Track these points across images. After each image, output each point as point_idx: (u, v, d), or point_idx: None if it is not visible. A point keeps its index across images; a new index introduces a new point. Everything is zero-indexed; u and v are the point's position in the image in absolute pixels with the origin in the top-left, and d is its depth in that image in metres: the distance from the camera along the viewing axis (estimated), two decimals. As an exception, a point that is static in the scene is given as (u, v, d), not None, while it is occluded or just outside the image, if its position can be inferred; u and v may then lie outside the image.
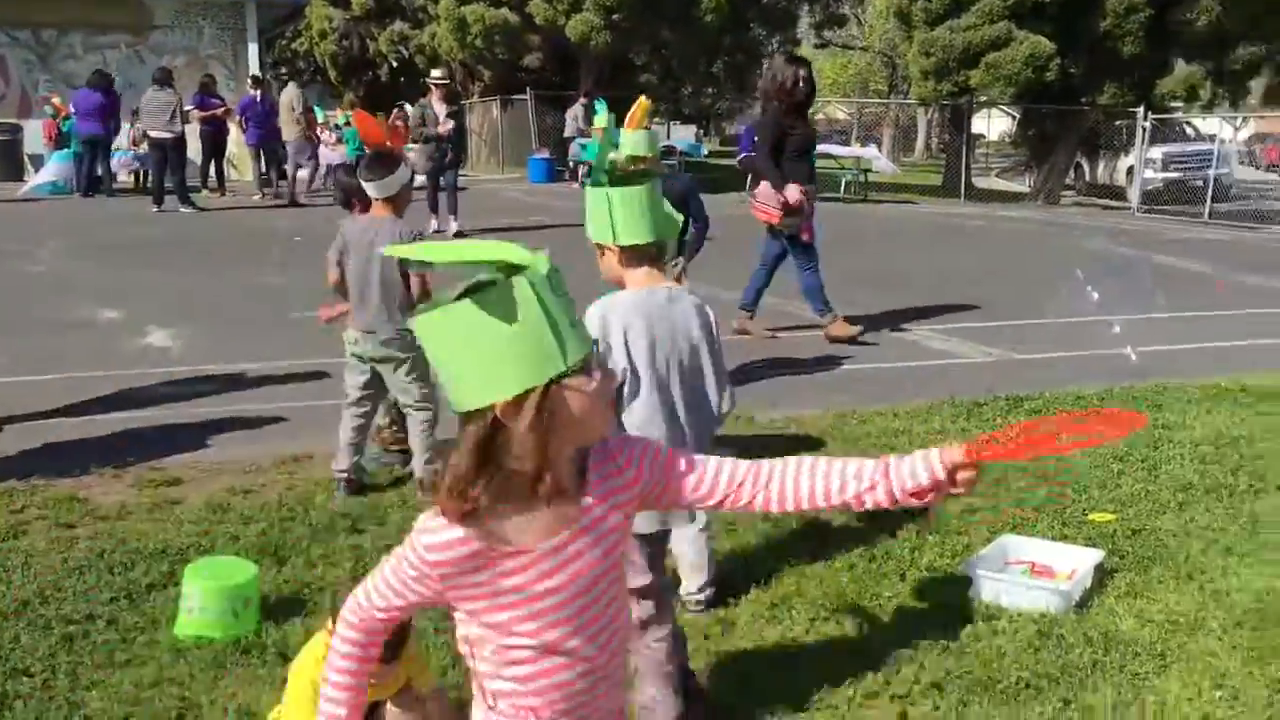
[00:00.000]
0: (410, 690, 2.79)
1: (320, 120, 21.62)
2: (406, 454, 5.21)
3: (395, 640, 2.64)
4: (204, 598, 3.54)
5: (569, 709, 1.71)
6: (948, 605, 3.85)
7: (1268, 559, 4.26)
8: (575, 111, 21.72)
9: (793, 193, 7.63)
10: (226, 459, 5.41)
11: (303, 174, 18.16)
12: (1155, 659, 3.49)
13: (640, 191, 2.84)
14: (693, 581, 3.84)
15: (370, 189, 4.85)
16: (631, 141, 6.02)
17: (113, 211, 15.78)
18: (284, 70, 39.01)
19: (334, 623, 2.69)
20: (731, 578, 4.02)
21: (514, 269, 1.53)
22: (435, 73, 14.09)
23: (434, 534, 1.65)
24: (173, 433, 5.83)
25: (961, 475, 1.68)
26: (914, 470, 1.70)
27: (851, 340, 8.03)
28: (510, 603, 1.64)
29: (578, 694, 1.70)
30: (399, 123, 14.14)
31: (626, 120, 5.96)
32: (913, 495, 1.70)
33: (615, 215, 2.82)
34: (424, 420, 4.94)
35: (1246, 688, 3.31)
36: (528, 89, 24.52)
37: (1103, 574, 4.09)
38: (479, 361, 1.53)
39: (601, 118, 9.68)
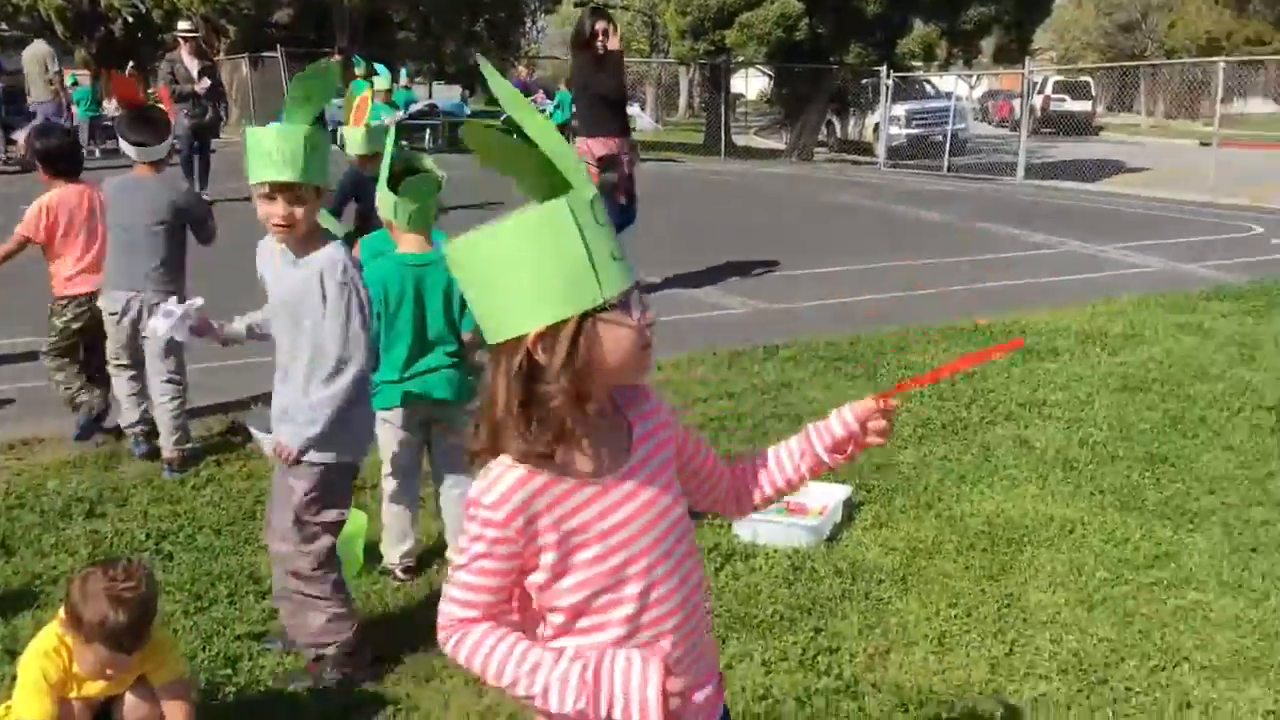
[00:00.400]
0: (146, 682, 2.65)
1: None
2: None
3: (135, 630, 2.50)
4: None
5: (664, 647, 1.59)
6: (709, 549, 3.96)
7: (998, 485, 4.59)
8: (330, 69, 20.94)
9: (595, 146, 7.66)
10: (-56, 447, 4.97)
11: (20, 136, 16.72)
12: (898, 584, 3.71)
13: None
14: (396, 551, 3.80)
15: (137, 153, 4.66)
16: (353, 140, 5.88)
17: None
18: (4, 26, 35.83)
19: (66, 613, 2.52)
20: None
21: (557, 189, 1.44)
22: (183, 25, 13.28)
23: (492, 488, 1.51)
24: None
25: (873, 424, 1.70)
26: (830, 428, 1.73)
27: None
28: (584, 541, 1.54)
29: (669, 633, 1.60)
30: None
31: (352, 117, 5.81)
32: (835, 452, 1.73)
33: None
34: (172, 396, 4.68)
35: (979, 604, 3.56)
36: (278, 46, 23.42)
37: (851, 508, 4.30)
38: (513, 289, 1.44)
39: (383, 80, 9.31)
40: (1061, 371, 6.20)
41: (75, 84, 19.27)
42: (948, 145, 20.39)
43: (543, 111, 19.32)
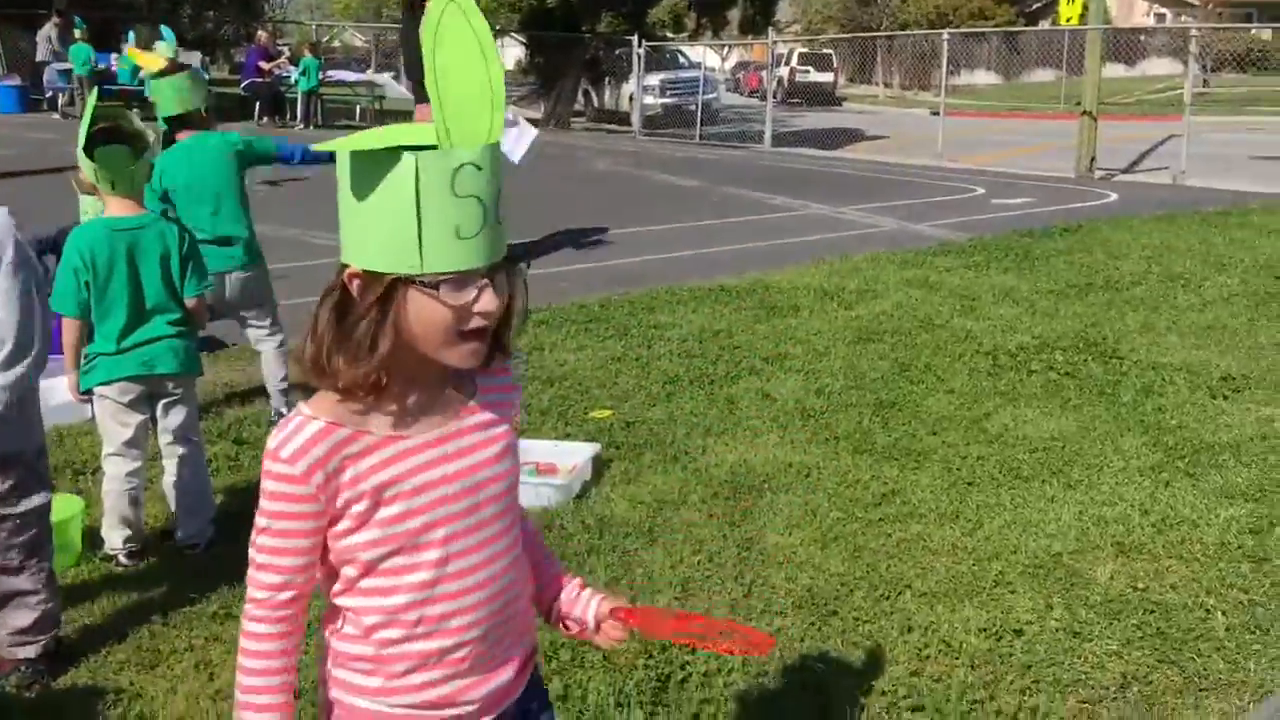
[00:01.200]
0: None
1: None
2: None
3: None
4: None
5: (456, 625, 1.50)
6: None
7: (741, 436, 4.74)
8: (48, 32, 19.42)
9: (422, 110, 7.39)
10: None
11: None
12: (644, 535, 3.77)
13: None
14: (190, 525, 3.62)
15: None
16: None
17: None
18: None
19: None
20: (235, 512, 3.83)
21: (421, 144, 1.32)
22: None
23: (289, 442, 1.41)
24: None
25: (607, 627, 1.65)
26: (580, 606, 1.68)
27: None
28: (389, 498, 1.43)
29: (466, 610, 1.50)
30: None
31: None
32: (561, 620, 1.69)
33: None
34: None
35: (720, 550, 3.67)
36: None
37: (601, 465, 4.34)
38: (347, 216, 1.37)
39: (167, 46, 8.67)
40: (801, 326, 6.47)
41: None
42: (699, 114, 20.88)
43: (286, 78, 18.40)
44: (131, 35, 21.44)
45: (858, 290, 7.37)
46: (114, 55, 20.54)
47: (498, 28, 23.68)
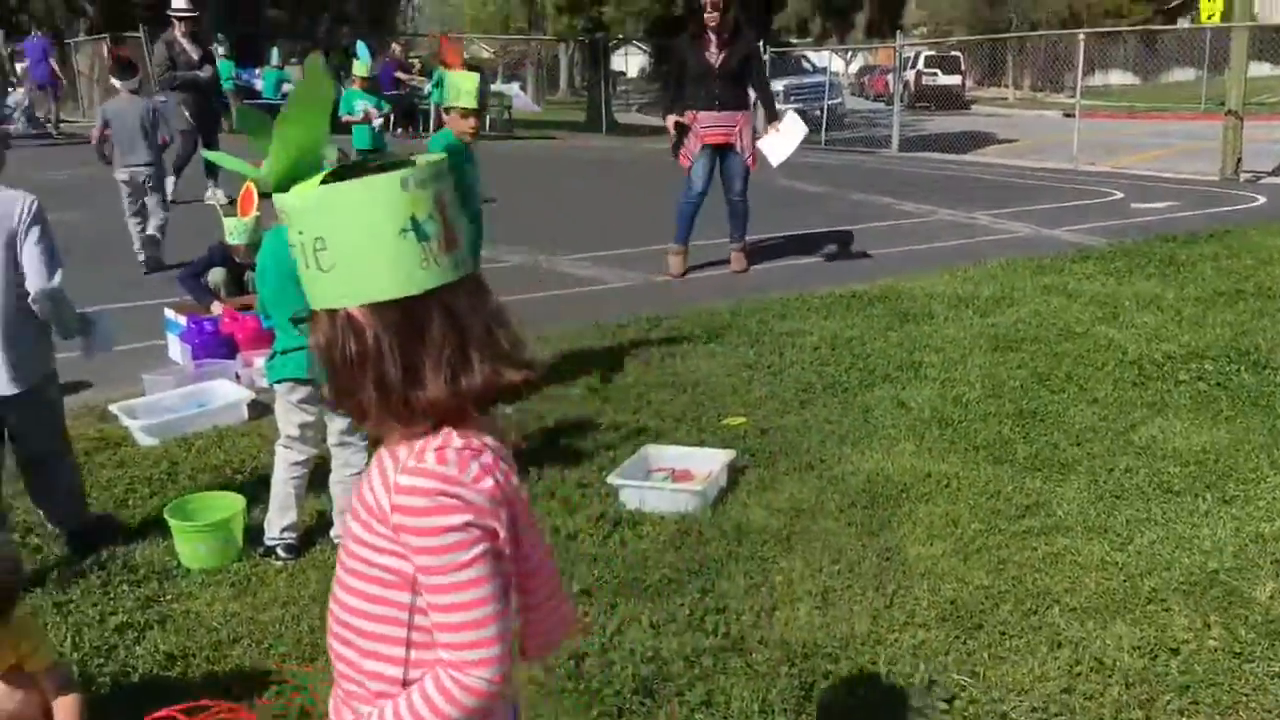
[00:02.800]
0: (21, 669, 2.54)
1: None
2: None
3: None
4: None
5: None
6: (596, 517, 3.97)
7: (877, 444, 4.70)
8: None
9: (668, 122, 8.05)
10: None
11: None
12: (781, 543, 3.77)
13: None
14: (344, 524, 3.74)
15: None
16: (234, 229, 5.85)
17: None
18: None
19: None
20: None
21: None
22: (177, 3, 11.53)
23: (468, 465, 1.34)
24: None
25: None
26: None
27: (680, 275, 8.28)
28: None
29: None
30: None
31: (239, 203, 5.76)
32: None
33: None
34: None
35: (860, 560, 3.65)
36: (140, 25, 22.54)
37: (736, 472, 4.35)
38: (350, 255, 1.32)
39: (362, 65, 8.91)
40: (936, 334, 6.37)
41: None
42: (825, 119, 20.71)
43: (419, 90, 18.76)
44: (275, 51, 22.28)
45: (993, 297, 7.23)
46: (257, 70, 21.38)
47: (620, 36, 23.95)
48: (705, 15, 7.90)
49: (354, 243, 1.29)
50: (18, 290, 3.36)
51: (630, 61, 49.74)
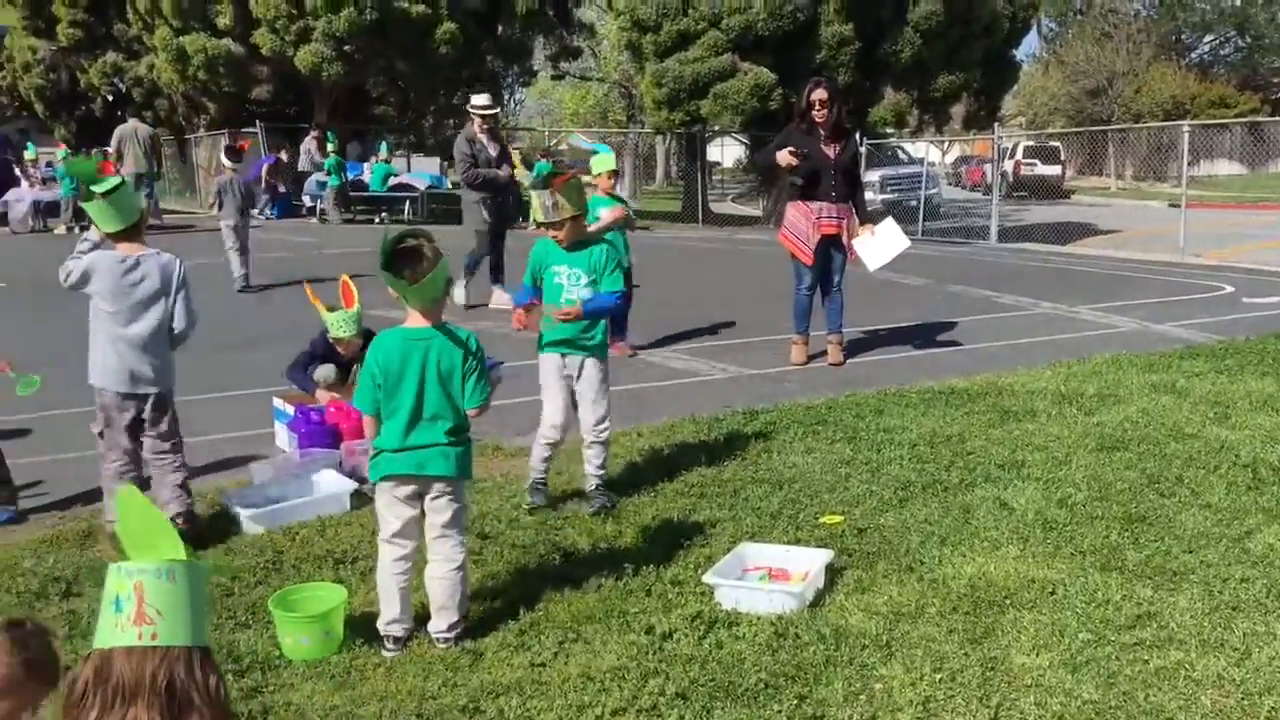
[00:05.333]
0: None
1: (31, 157, 20.24)
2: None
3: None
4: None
5: None
6: (692, 616, 3.95)
7: (979, 547, 4.60)
8: (308, 145, 21.13)
9: (783, 156, 7.99)
10: (-82, 528, 4.92)
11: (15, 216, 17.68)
12: (881, 649, 3.70)
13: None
14: (441, 620, 3.79)
15: None
16: (336, 322, 6.11)
17: None
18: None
19: (23, 672, 2.45)
20: (480, 607, 3.99)
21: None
22: (479, 100, 10.92)
23: None
24: None
25: None
26: None
27: (803, 364, 8.34)
28: None
29: None
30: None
31: (341, 296, 6.06)
32: None
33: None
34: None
35: (963, 668, 3.55)
36: (257, 121, 23.64)
37: (833, 573, 4.29)
38: None
39: (606, 160, 9.16)
40: (1039, 432, 6.24)
41: (64, 159, 19.33)
42: (922, 210, 20.66)
43: (520, 182, 19.29)
44: (384, 146, 23.11)
45: (1098, 395, 7.07)
46: (365, 165, 22.18)
47: (716, 128, 24.30)
48: (814, 113, 8.00)
49: None
50: (170, 324, 4.78)
51: (726, 152, 50.39)
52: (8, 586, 4.27)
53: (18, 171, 20.30)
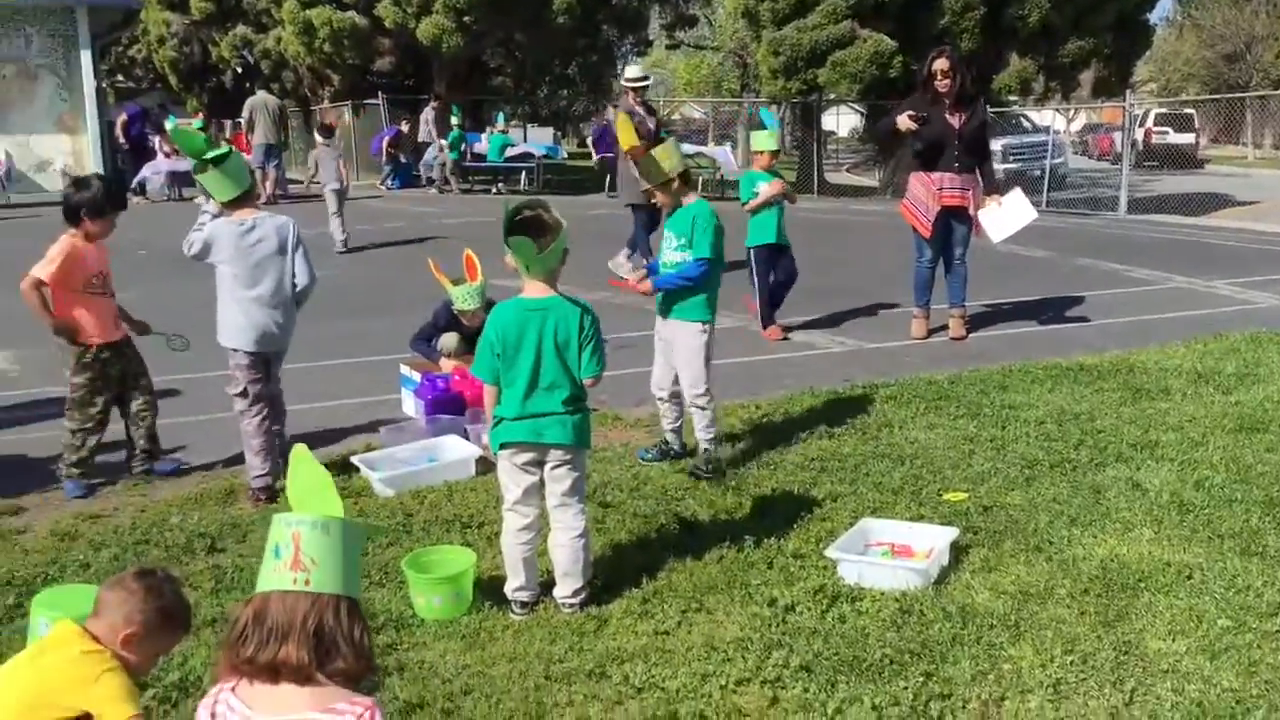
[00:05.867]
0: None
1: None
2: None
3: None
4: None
5: None
6: (814, 590, 3.94)
7: (1109, 528, 4.48)
8: (427, 115, 21.44)
9: (902, 120, 7.94)
10: (73, 483, 5.19)
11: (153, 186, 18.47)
12: (1009, 629, 3.64)
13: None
14: (566, 586, 3.85)
15: None
16: (461, 295, 6.20)
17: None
18: (120, 78, 37.52)
19: (156, 617, 2.56)
20: (603, 574, 4.05)
21: None
22: (632, 71, 11.22)
23: None
24: (13, 459, 5.55)
25: None
26: None
27: (924, 338, 8.27)
28: None
29: None
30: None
31: (465, 269, 6.16)
32: None
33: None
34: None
35: (1095, 651, 3.48)
36: (379, 93, 24.10)
37: (958, 550, 4.24)
38: None
39: (770, 136, 9.13)
40: (1173, 411, 6.04)
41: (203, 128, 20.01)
42: (1047, 180, 20.04)
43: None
44: (501, 116, 23.36)
45: (1237, 373, 6.80)
46: (483, 135, 22.45)
47: (832, 96, 23.93)
48: (937, 83, 7.84)
49: None
50: (292, 281, 5.06)
51: (841, 121, 49.60)
52: (156, 541, 4.48)
53: (155, 142, 21.08)
